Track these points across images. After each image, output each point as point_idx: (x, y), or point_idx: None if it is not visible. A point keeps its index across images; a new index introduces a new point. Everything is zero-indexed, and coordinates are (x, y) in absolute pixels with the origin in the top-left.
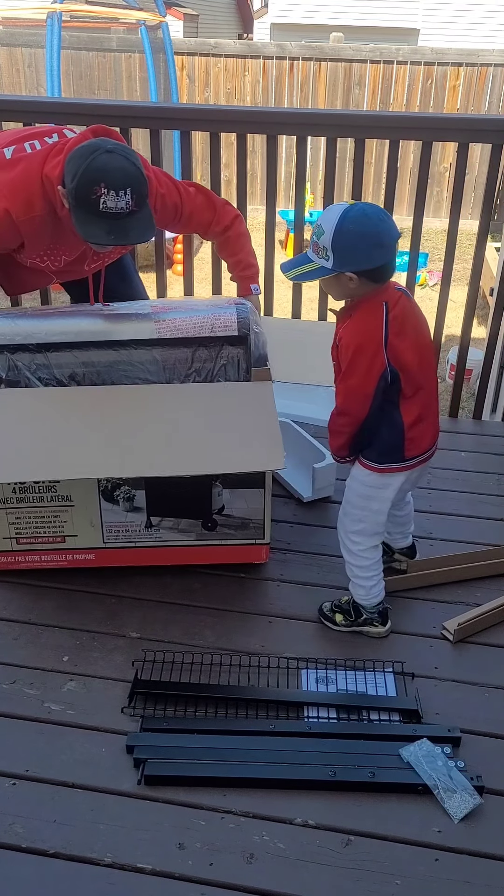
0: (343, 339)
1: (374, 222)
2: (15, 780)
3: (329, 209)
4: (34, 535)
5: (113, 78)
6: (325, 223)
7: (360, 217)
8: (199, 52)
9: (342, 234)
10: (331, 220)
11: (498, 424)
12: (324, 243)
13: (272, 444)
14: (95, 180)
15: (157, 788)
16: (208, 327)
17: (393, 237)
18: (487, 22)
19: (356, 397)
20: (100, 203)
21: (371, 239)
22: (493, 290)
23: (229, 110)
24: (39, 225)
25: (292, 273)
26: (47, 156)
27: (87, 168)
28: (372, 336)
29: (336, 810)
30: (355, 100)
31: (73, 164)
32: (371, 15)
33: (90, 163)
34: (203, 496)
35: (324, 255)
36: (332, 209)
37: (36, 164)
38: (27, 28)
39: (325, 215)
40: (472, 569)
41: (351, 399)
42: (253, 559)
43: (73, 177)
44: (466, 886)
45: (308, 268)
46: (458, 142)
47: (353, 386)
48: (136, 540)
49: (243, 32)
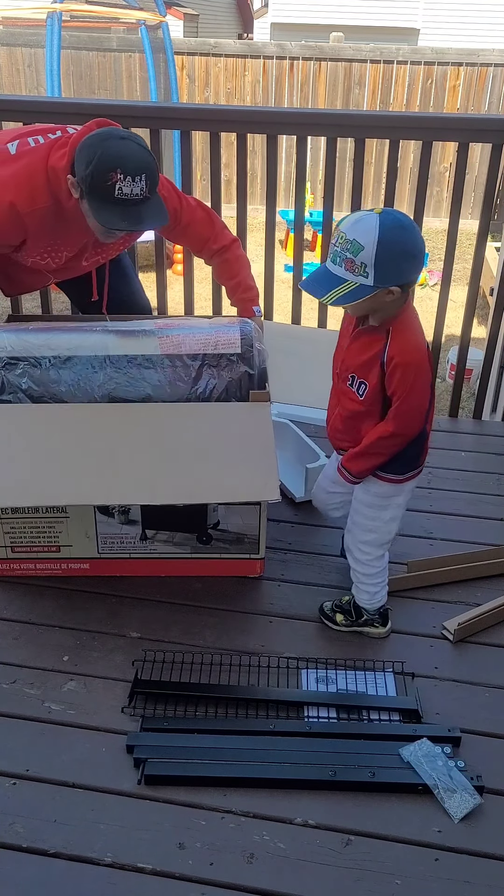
0: (396, 358)
1: (411, 231)
2: (15, 780)
3: (357, 221)
4: (29, 544)
5: (113, 78)
6: (360, 237)
7: (398, 228)
8: (199, 52)
9: (386, 247)
10: (368, 234)
11: (498, 424)
12: (363, 260)
13: (267, 473)
14: (111, 166)
15: (157, 788)
16: (212, 345)
17: (423, 245)
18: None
19: (418, 417)
20: (115, 189)
21: (414, 249)
22: (493, 290)
23: (229, 110)
24: (43, 218)
25: (331, 297)
26: (51, 148)
27: (103, 154)
28: (423, 350)
29: (336, 810)
30: (355, 100)
31: (87, 152)
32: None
33: (105, 149)
34: (198, 511)
35: (362, 272)
36: (363, 221)
37: (40, 156)
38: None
39: (357, 228)
40: (472, 569)
41: (412, 420)
42: (247, 573)
43: (87, 164)
44: (466, 886)
45: (346, 288)
46: (458, 142)
47: (415, 406)
48: (131, 551)
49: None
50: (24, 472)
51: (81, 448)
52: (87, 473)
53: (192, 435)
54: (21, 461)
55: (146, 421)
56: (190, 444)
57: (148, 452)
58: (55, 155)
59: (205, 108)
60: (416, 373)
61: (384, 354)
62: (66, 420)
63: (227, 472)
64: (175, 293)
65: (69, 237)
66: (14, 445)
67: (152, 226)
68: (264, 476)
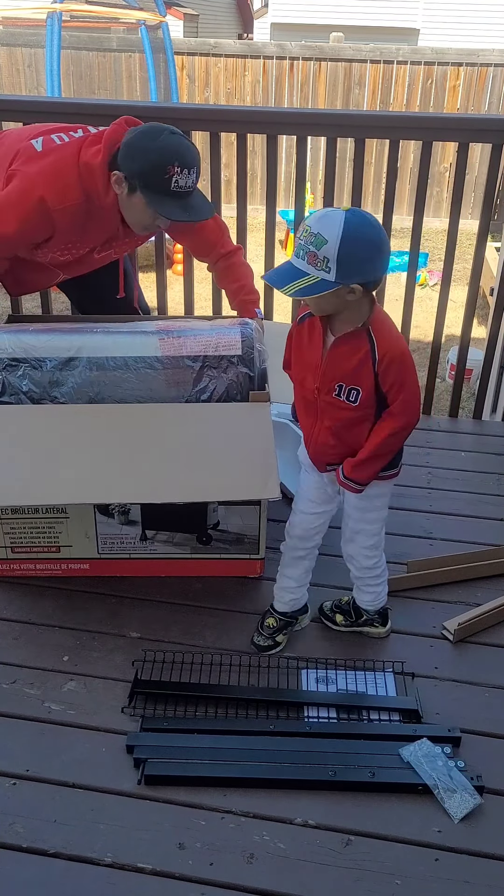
0: (389, 354)
1: (378, 229)
2: (15, 780)
3: (323, 216)
4: (29, 544)
5: (113, 78)
6: (325, 231)
7: (364, 224)
8: (199, 52)
9: (350, 243)
10: (332, 228)
11: (498, 424)
12: (325, 254)
13: (267, 472)
14: (169, 160)
15: (157, 788)
16: (213, 346)
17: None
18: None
19: (418, 404)
20: (172, 182)
21: (378, 247)
22: (493, 290)
23: (229, 110)
24: (74, 214)
25: (291, 288)
26: (82, 145)
27: (162, 148)
28: (405, 341)
29: (336, 810)
30: (355, 100)
31: (139, 147)
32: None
33: (161, 143)
34: (198, 512)
35: (324, 266)
36: (329, 216)
37: (70, 152)
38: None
39: (322, 223)
40: (472, 569)
41: (415, 408)
42: (247, 573)
43: (142, 159)
44: (466, 886)
45: (307, 281)
46: (458, 142)
47: (415, 393)
48: (131, 552)
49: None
50: (25, 471)
51: (82, 448)
52: (87, 473)
53: (192, 435)
54: (21, 461)
55: (146, 421)
56: (190, 444)
57: (148, 452)
58: (88, 151)
59: (205, 108)
60: (408, 363)
61: (374, 354)
62: (66, 420)
63: (227, 471)
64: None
65: (94, 233)
66: (14, 445)
67: (206, 216)
68: (264, 475)
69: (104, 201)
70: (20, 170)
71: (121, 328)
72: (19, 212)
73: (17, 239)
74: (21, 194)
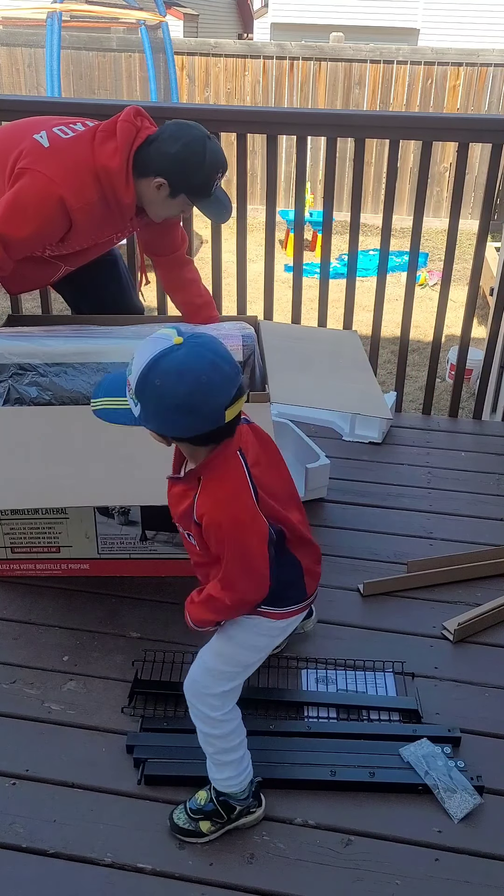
0: (206, 517)
1: (188, 383)
2: (15, 780)
3: (150, 340)
4: (29, 545)
5: (113, 78)
6: (136, 360)
7: (170, 372)
8: (199, 52)
9: (144, 388)
10: (141, 362)
11: (498, 424)
12: (131, 384)
13: None
14: (217, 168)
15: (157, 788)
16: None
17: (218, 402)
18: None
19: (250, 583)
20: (212, 187)
21: (176, 405)
22: (493, 290)
23: (229, 110)
24: (90, 213)
25: (98, 405)
26: (92, 143)
27: (211, 156)
28: (240, 503)
29: (336, 810)
30: (355, 100)
31: (190, 162)
32: (371, 15)
33: (209, 151)
34: None
35: (132, 396)
36: (152, 343)
37: (84, 149)
38: (27, 28)
39: (142, 349)
40: (472, 569)
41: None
42: None
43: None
44: (466, 886)
45: (118, 404)
46: (458, 142)
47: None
48: (131, 552)
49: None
50: (26, 474)
51: (83, 450)
52: (88, 475)
53: None
54: (22, 463)
55: None
56: None
57: (149, 454)
58: (104, 151)
59: (205, 108)
60: (233, 532)
61: (194, 510)
62: (66, 422)
63: None
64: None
65: (104, 230)
66: (14, 447)
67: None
68: None
69: (122, 201)
70: (31, 168)
71: (124, 332)
72: (40, 211)
73: (34, 240)
74: (40, 193)
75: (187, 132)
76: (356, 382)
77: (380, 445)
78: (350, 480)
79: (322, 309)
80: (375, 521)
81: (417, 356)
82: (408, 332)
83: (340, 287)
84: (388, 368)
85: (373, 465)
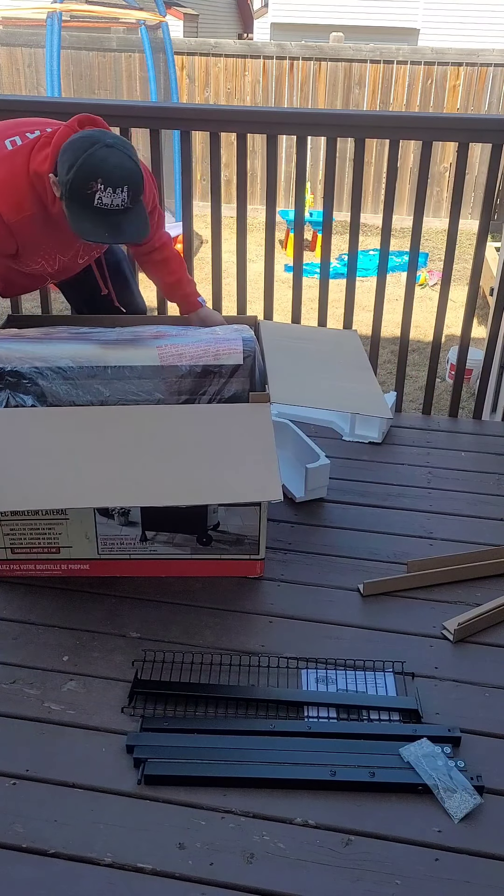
0: None
1: None
2: (15, 780)
3: None
4: (29, 545)
5: (113, 78)
6: None
7: None
8: (199, 52)
9: None
10: None
11: (498, 424)
12: None
13: (269, 473)
14: (92, 175)
15: (157, 788)
16: (212, 354)
17: None
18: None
19: None
20: (94, 199)
21: None
22: (493, 290)
23: (229, 110)
24: (32, 226)
25: None
26: (31, 150)
27: (85, 161)
28: None
29: (336, 810)
30: (355, 100)
31: (70, 155)
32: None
33: (88, 156)
34: (198, 513)
35: None
36: None
37: (21, 161)
38: (27, 28)
39: None
40: (472, 569)
41: None
42: (247, 574)
43: (68, 168)
44: (466, 886)
45: None
46: (458, 142)
47: None
48: (131, 553)
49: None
50: (25, 475)
51: (82, 451)
52: (88, 476)
53: (192, 436)
54: (22, 465)
55: (146, 423)
56: (190, 446)
57: (149, 454)
58: (37, 158)
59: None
60: None
61: None
62: (66, 423)
63: (228, 473)
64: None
65: (59, 241)
66: (13, 449)
67: (132, 238)
68: (266, 476)
69: (56, 209)
70: None
71: (120, 335)
72: None
73: None
74: None
75: (88, 135)
76: (356, 382)
77: (380, 445)
78: (350, 480)
79: (322, 309)
80: (375, 521)
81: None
82: (408, 332)
83: (340, 287)
84: (388, 368)
85: (373, 465)
